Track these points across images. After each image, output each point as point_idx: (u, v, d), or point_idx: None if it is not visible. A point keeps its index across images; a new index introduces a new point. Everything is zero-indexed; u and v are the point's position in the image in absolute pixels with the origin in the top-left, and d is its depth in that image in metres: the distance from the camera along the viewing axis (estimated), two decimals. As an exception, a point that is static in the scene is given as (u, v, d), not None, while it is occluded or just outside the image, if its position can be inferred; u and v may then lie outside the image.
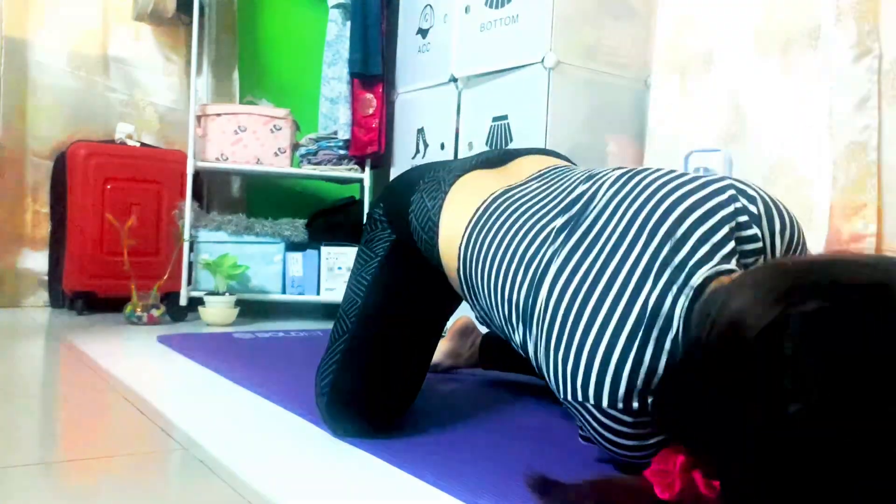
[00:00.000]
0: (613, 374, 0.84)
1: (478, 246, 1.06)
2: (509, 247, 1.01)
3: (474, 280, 1.07)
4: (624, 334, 0.84)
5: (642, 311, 0.84)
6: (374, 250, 1.27)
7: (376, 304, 1.22)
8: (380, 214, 1.28)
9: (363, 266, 1.27)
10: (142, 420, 1.29)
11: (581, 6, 2.11)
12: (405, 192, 1.23)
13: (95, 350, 1.92)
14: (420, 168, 1.30)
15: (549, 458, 1.13)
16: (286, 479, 1.01)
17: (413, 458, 1.09)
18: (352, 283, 1.27)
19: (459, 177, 1.18)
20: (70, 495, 0.93)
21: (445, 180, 1.18)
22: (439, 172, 1.22)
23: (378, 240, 1.28)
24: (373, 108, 2.75)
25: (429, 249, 1.17)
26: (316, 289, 2.78)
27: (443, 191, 1.16)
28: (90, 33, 2.86)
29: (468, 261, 1.08)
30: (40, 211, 2.79)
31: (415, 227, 1.18)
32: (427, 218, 1.16)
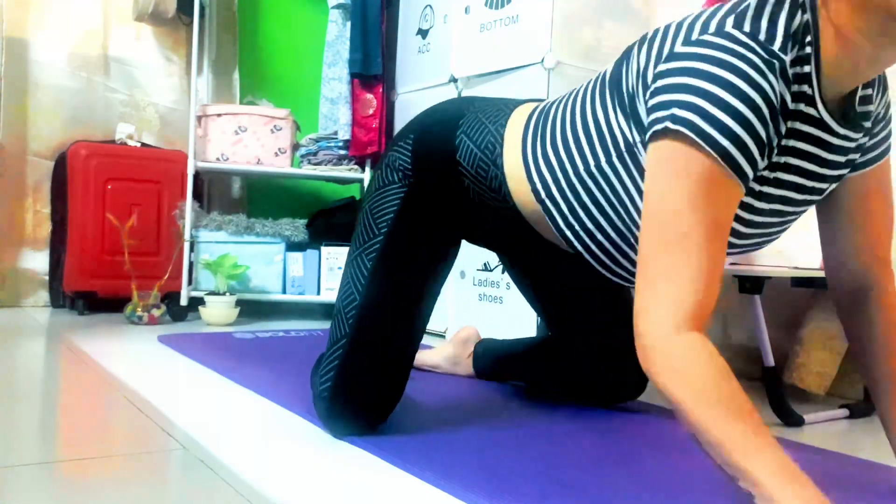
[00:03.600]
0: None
1: (541, 124, 1.14)
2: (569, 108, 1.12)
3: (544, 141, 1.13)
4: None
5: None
6: (378, 224, 1.23)
7: (375, 302, 1.21)
8: (403, 152, 1.26)
9: (365, 246, 1.23)
10: (142, 420, 1.29)
11: (581, 6, 2.11)
12: (443, 134, 1.25)
13: (96, 350, 1.92)
14: (448, 110, 1.30)
15: (549, 457, 1.13)
16: (286, 478, 1.01)
17: (413, 458, 1.09)
18: (351, 270, 1.24)
19: (514, 109, 1.22)
20: (70, 495, 0.94)
21: (502, 112, 1.22)
22: (478, 116, 1.24)
23: (385, 205, 1.24)
24: (373, 109, 2.75)
25: (485, 167, 1.19)
26: (316, 289, 2.78)
27: (503, 117, 1.21)
28: (90, 33, 2.86)
29: (535, 138, 1.14)
30: (41, 211, 2.80)
31: (470, 155, 1.20)
32: (488, 139, 1.19)
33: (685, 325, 0.82)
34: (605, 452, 1.19)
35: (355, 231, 1.28)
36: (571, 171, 1.08)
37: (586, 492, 0.98)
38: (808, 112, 0.90)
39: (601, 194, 1.07)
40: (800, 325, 1.75)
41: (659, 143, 0.86)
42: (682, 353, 0.81)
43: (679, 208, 0.83)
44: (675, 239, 0.83)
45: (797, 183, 0.97)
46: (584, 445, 1.22)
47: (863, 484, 1.12)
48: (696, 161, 0.83)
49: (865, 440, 1.41)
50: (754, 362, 1.54)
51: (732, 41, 0.83)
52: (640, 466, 1.12)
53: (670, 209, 0.84)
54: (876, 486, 1.12)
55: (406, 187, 1.24)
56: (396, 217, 1.22)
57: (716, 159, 0.82)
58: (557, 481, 1.02)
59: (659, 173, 0.86)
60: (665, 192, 0.85)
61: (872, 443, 1.38)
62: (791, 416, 1.47)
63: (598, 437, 1.29)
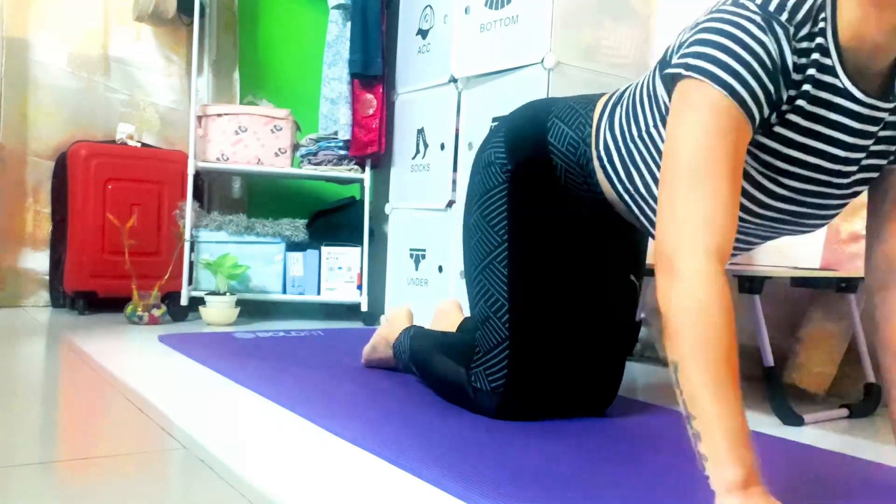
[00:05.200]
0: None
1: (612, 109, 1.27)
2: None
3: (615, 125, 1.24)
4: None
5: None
6: (497, 230, 1.37)
7: (523, 303, 1.35)
8: (497, 145, 1.41)
9: (493, 254, 1.37)
10: (142, 419, 1.29)
11: (581, 6, 2.11)
12: (535, 119, 1.39)
13: (96, 350, 1.92)
14: (535, 105, 1.45)
15: (550, 456, 1.13)
16: (286, 478, 1.02)
17: (413, 458, 1.09)
18: (487, 278, 1.38)
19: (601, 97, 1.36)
20: (70, 495, 0.94)
21: (591, 100, 1.35)
22: (568, 104, 1.37)
23: (497, 208, 1.38)
24: (373, 109, 2.75)
25: (575, 144, 1.32)
26: (316, 288, 2.78)
27: (592, 104, 1.34)
28: (91, 33, 2.86)
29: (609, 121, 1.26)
30: (41, 211, 2.80)
31: (561, 135, 1.33)
32: (578, 121, 1.32)
33: (715, 256, 0.88)
34: (607, 452, 1.19)
35: (470, 240, 1.42)
36: (628, 136, 1.21)
37: (587, 491, 0.98)
38: (823, 79, 0.97)
39: (650, 157, 1.18)
40: (800, 325, 1.75)
41: (677, 88, 0.97)
42: (709, 283, 0.87)
43: (695, 136, 0.92)
44: (695, 166, 0.91)
45: (828, 152, 1.02)
46: (585, 445, 1.22)
47: (863, 484, 1.12)
48: (706, 96, 0.92)
49: (865, 440, 1.41)
50: (754, 362, 1.54)
51: (742, 8, 0.95)
52: (640, 466, 1.12)
53: (687, 138, 0.92)
54: (876, 486, 1.12)
55: (507, 183, 1.37)
56: (511, 216, 1.36)
57: (723, 94, 0.91)
58: (558, 481, 1.02)
59: (675, 111, 0.96)
60: (681, 124, 0.94)
61: (872, 443, 1.38)
62: (791, 416, 1.47)
63: (599, 437, 1.29)
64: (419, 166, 2.60)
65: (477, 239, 1.40)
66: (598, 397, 1.45)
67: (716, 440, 0.83)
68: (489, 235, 1.38)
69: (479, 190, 1.41)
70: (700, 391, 0.84)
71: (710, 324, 0.85)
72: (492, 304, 1.36)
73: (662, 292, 0.90)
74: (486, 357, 1.36)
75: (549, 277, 1.39)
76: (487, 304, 1.37)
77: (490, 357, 1.36)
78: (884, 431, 1.50)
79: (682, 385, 0.86)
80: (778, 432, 1.40)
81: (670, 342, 0.88)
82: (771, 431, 1.41)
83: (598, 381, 1.44)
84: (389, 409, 1.42)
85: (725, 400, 0.84)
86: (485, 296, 1.38)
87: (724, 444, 0.82)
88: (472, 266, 1.41)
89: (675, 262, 0.89)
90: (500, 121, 1.48)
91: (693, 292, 0.87)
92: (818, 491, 1.06)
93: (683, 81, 0.95)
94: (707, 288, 0.86)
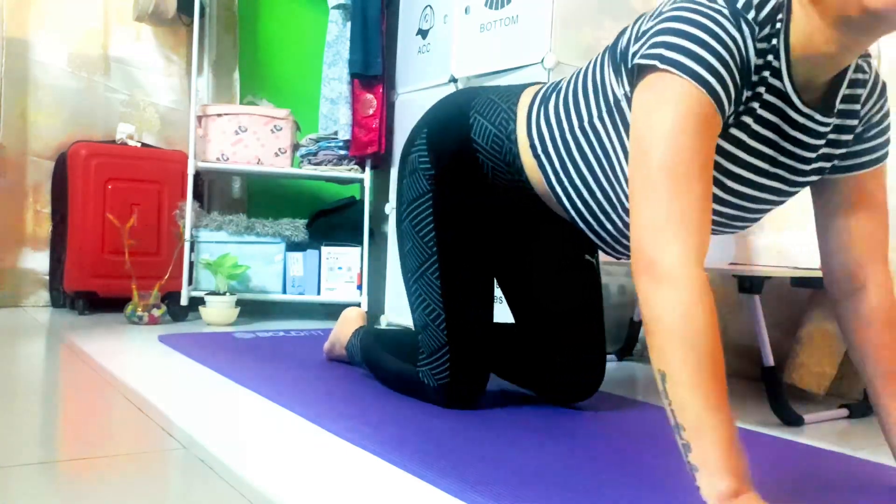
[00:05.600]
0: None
1: (544, 103, 1.26)
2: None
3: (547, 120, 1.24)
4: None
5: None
6: (426, 242, 1.39)
7: (458, 310, 1.39)
8: (420, 149, 1.41)
9: (425, 266, 1.40)
10: (142, 419, 1.29)
11: (581, 6, 2.11)
12: (456, 118, 1.39)
13: (96, 350, 1.92)
14: (455, 99, 1.44)
15: (550, 455, 1.13)
16: (286, 478, 1.02)
17: (413, 458, 1.09)
18: (422, 287, 1.41)
19: (524, 89, 1.36)
20: (70, 495, 0.94)
21: (513, 92, 1.35)
22: (489, 97, 1.37)
23: (424, 218, 1.39)
24: (373, 109, 2.75)
25: (499, 141, 1.32)
26: (316, 289, 2.78)
27: (514, 97, 1.34)
28: (91, 33, 2.86)
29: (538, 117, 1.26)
30: (41, 211, 2.80)
31: (484, 132, 1.33)
32: (501, 116, 1.32)
33: (695, 258, 0.85)
34: (607, 452, 1.19)
35: (404, 246, 1.44)
36: (567, 127, 1.19)
37: (587, 491, 0.98)
38: (773, 83, 0.97)
39: (590, 150, 1.16)
40: (800, 325, 1.75)
41: (646, 80, 0.93)
42: (694, 289, 0.84)
43: (669, 134, 0.88)
44: (671, 165, 0.87)
45: (763, 152, 1.03)
46: (585, 445, 1.22)
47: (863, 484, 1.12)
48: (681, 92, 0.89)
49: (865, 440, 1.41)
50: (754, 362, 1.54)
51: (711, 1, 0.93)
52: (641, 466, 1.12)
53: (661, 136, 0.89)
54: (876, 486, 1.12)
55: (432, 191, 1.38)
56: (438, 227, 1.38)
57: (700, 90, 0.89)
58: (558, 480, 1.02)
59: (645, 107, 0.92)
60: (654, 121, 0.90)
61: (872, 443, 1.38)
62: (791, 416, 1.47)
63: (599, 437, 1.29)
64: (419, 166, 2.60)
65: (409, 247, 1.43)
66: (584, 377, 1.48)
67: (706, 450, 0.81)
68: (420, 246, 1.41)
69: (407, 197, 1.43)
70: (689, 401, 0.82)
71: (697, 331, 0.83)
72: (429, 312, 1.41)
73: (644, 297, 0.87)
74: (430, 359, 1.42)
75: (485, 279, 1.43)
76: (426, 313, 1.41)
77: (433, 359, 1.42)
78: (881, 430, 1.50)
79: (669, 394, 0.84)
80: (778, 432, 1.40)
81: (656, 350, 0.85)
82: (771, 431, 1.41)
83: (579, 368, 1.47)
84: (389, 409, 1.42)
85: (715, 409, 0.81)
86: (422, 304, 1.42)
87: (715, 454, 0.80)
88: (408, 273, 1.45)
89: (657, 265, 0.86)
90: (421, 120, 1.47)
91: (679, 298, 0.84)
92: (818, 491, 1.06)
93: (656, 74, 0.91)
94: (692, 293, 0.84)
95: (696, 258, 0.85)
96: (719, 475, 0.80)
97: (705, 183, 0.88)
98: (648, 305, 0.86)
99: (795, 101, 0.98)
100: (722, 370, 0.83)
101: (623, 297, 2.39)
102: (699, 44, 0.89)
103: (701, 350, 0.82)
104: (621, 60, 1.06)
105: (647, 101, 0.92)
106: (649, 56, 0.93)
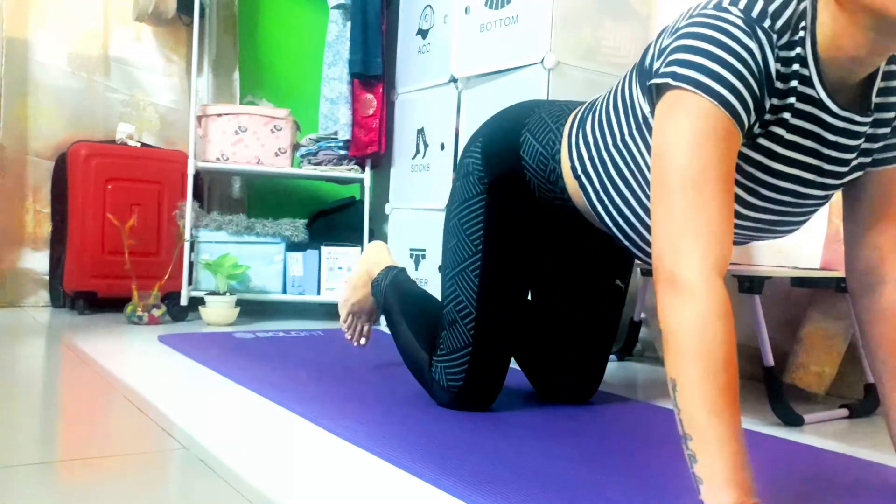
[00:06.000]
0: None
1: (580, 126, 1.27)
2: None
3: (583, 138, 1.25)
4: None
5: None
6: (472, 240, 1.41)
7: (489, 313, 1.40)
8: (475, 156, 1.44)
9: (467, 262, 1.41)
10: (142, 419, 1.29)
11: (581, 6, 2.11)
12: (510, 133, 1.41)
13: (96, 350, 1.92)
14: (513, 113, 1.45)
15: (550, 454, 1.13)
16: (286, 478, 1.02)
17: (413, 457, 1.09)
18: (459, 283, 1.42)
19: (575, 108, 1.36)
20: (70, 495, 0.94)
21: (564, 112, 1.36)
22: (542, 116, 1.38)
23: (473, 218, 1.41)
24: (373, 109, 2.75)
25: (545, 161, 1.34)
26: (316, 289, 2.78)
27: (564, 117, 1.35)
28: (91, 33, 2.86)
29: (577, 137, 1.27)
30: (41, 211, 2.80)
31: (532, 151, 1.36)
32: (549, 136, 1.34)
33: (715, 270, 0.85)
34: (606, 452, 1.19)
35: (448, 242, 1.45)
36: (603, 146, 1.20)
37: (588, 491, 0.98)
38: (804, 91, 0.96)
39: (626, 167, 1.16)
40: (800, 325, 1.75)
41: (663, 99, 0.94)
42: (713, 301, 0.84)
43: (686, 147, 0.89)
44: (689, 177, 0.88)
45: (804, 161, 1.02)
46: (585, 445, 1.22)
47: (863, 484, 1.12)
48: (696, 107, 0.90)
49: (865, 440, 1.41)
50: (754, 362, 1.54)
51: (725, 12, 0.93)
52: (641, 466, 1.12)
53: (679, 150, 0.89)
54: (876, 486, 1.12)
55: (485, 194, 1.40)
56: (486, 229, 1.40)
57: (713, 104, 0.89)
58: (558, 480, 1.02)
59: (663, 123, 0.93)
60: (671, 136, 0.91)
61: (872, 443, 1.38)
62: (791, 416, 1.47)
63: (599, 437, 1.29)
64: (419, 166, 2.60)
65: (454, 244, 1.44)
66: (582, 387, 1.54)
67: (712, 464, 0.80)
68: (464, 243, 1.42)
69: (459, 197, 1.45)
70: (698, 413, 0.81)
71: (714, 343, 0.82)
72: (460, 309, 1.41)
73: (663, 307, 0.87)
74: (449, 357, 1.42)
75: (520, 289, 1.45)
76: (456, 309, 1.42)
77: (452, 358, 1.42)
78: (884, 431, 1.50)
79: (679, 404, 0.83)
80: (778, 432, 1.40)
81: (671, 359, 0.85)
82: (771, 431, 1.41)
83: (583, 374, 1.53)
84: (389, 409, 1.42)
85: (724, 422, 0.81)
86: (455, 300, 1.42)
87: (721, 468, 0.79)
88: (448, 268, 1.46)
89: (676, 276, 0.86)
90: (481, 126, 1.51)
91: (696, 310, 0.84)
92: (818, 491, 1.06)
93: (671, 92, 0.92)
94: (710, 306, 0.83)
95: (716, 270, 0.85)
96: (723, 488, 0.79)
97: (725, 195, 0.88)
98: (666, 316, 0.86)
99: (831, 106, 0.97)
100: (735, 384, 0.82)
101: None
102: (712, 59, 0.90)
103: (714, 363, 0.82)
104: (646, 77, 1.06)
105: (665, 119, 0.93)
106: (664, 74, 0.93)
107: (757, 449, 1.25)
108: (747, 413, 1.56)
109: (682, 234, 0.87)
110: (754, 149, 1.00)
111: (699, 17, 0.94)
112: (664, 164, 0.91)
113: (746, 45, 0.90)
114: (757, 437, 1.35)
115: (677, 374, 0.84)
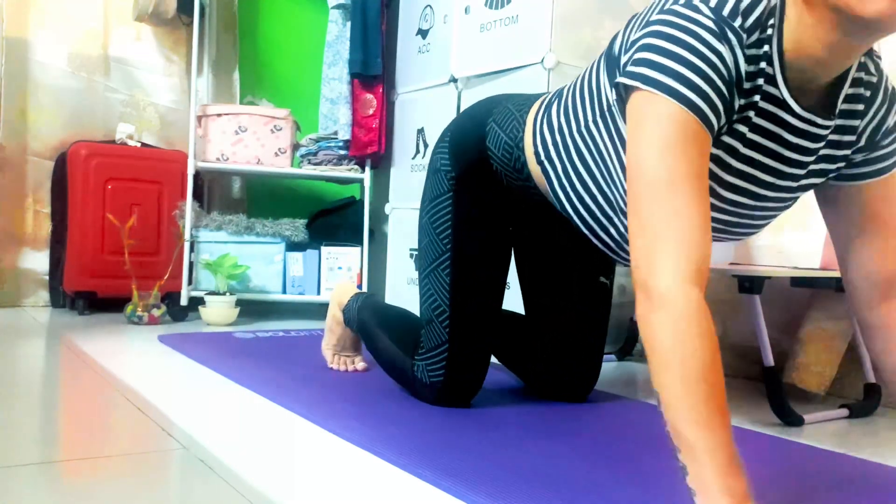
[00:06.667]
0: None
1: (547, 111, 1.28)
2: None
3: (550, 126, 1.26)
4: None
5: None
6: (441, 238, 1.42)
7: (463, 309, 1.41)
8: (443, 152, 1.45)
9: (437, 261, 1.42)
10: (142, 419, 1.29)
11: (581, 6, 2.11)
12: (475, 125, 1.42)
13: (96, 350, 1.92)
14: (480, 106, 1.47)
15: (550, 454, 1.13)
16: (286, 478, 1.02)
17: (413, 457, 1.09)
18: (432, 283, 1.43)
19: (539, 97, 1.38)
20: (70, 495, 0.94)
21: (529, 101, 1.38)
22: (507, 106, 1.40)
23: (442, 216, 1.42)
24: (373, 109, 2.75)
25: (509, 149, 1.35)
26: (316, 288, 2.78)
27: (528, 105, 1.36)
28: (90, 33, 2.86)
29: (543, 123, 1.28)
30: (41, 211, 2.80)
31: (497, 140, 1.37)
32: (513, 125, 1.35)
33: (689, 279, 0.83)
34: (606, 452, 1.19)
35: (422, 241, 1.47)
36: (567, 131, 1.20)
37: (588, 491, 0.98)
38: (768, 90, 0.96)
39: (588, 153, 1.17)
40: (800, 325, 1.75)
41: (632, 101, 0.93)
42: (687, 311, 0.82)
43: (657, 153, 0.87)
44: (661, 183, 0.87)
45: (762, 162, 1.02)
46: (585, 445, 1.22)
47: (863, 484, 1.12)
48: (664, 110, 0.88)
49: (865, 440, 1.41)
50: (754, 362, 1.54)
51: (695, 11, 0.91)
52: (640, 465, 1.12)
53: (649, 156, 0.88)
54: (876, 486, 1.12)
55: (452, 191, 1.41)
56: (454, 225, 1.41)
57: (682, 108, 0.88)
58: (558, 481, 1.02)
59: (633, 128, 0.92)
60: (642, 142, 0.89)
61: (872, 443, 1.38)
62: (791, 416, 1.47)
63: (599, 437, 1.29)
64: (419, 166, 2.60)
65: (426, 242, 1.46)
66: (575, 382, 1.55)
67: (702, 473, 0.79)
68: (435, 242, 1.43)
69: (429, 195, 1.47)
70: (684, 426, 0.80)
71: (690, 353, 0.80)
72: (435, 308, 1.43)
73: (642, 317, 0.85)
74: (429, 354, 1.44)
75: (494, 284, 1.45)
76: (431, 308, 1.44)
77: (432, 355, 1.44)
78: (884, 431, 1.50)
79: (666, 416, 0.83)
80: (778, 432, 1.40)
81: (653, 373, 0.84)
82: (771, 431, 1.41)
83: (572, 367, 1.54)
84: (389, 409, 1.42)
85: (711, 432, 0.79)
86: (429, 299, 1.44)
87: (712, 478, 0.78)
88: (422, 267, 1.47)
89: (650, 288, 0.84)
90: (450, 123, 1.53)
91: (671, 322, 0.81)
92: (818, 491, 1.06)
93: (640, 94, 0.91)
94: (685, 316, 0.81)
95: (691, 277, 0.83)
96: (717, 498, 0.78)
97: (698, 199, 0.86)
98: (644, 326, 0.85)
99: (793, 106, 0.96)
100: (719, 390, 0.81)
101: (623, 297, 2.38)
102: (681, 62, 0.88)
103: (695, 373, 0.80)
104: (614, 66, 1.06)
105: (635, 123, 0.91)
106: (632, 74, 0.92)
107: (757, 449, 1.25)
108: (747, 413, 1.56)
109: (654, 243, 0.85)
110: (715, 145, 0.98)
111: (670, 14, 0.92)
112: (635, 174, 0.89)
113: (716, 49, 0.89)
114: (757, 438, 1.35)
115: (660, 389, 0.83)
